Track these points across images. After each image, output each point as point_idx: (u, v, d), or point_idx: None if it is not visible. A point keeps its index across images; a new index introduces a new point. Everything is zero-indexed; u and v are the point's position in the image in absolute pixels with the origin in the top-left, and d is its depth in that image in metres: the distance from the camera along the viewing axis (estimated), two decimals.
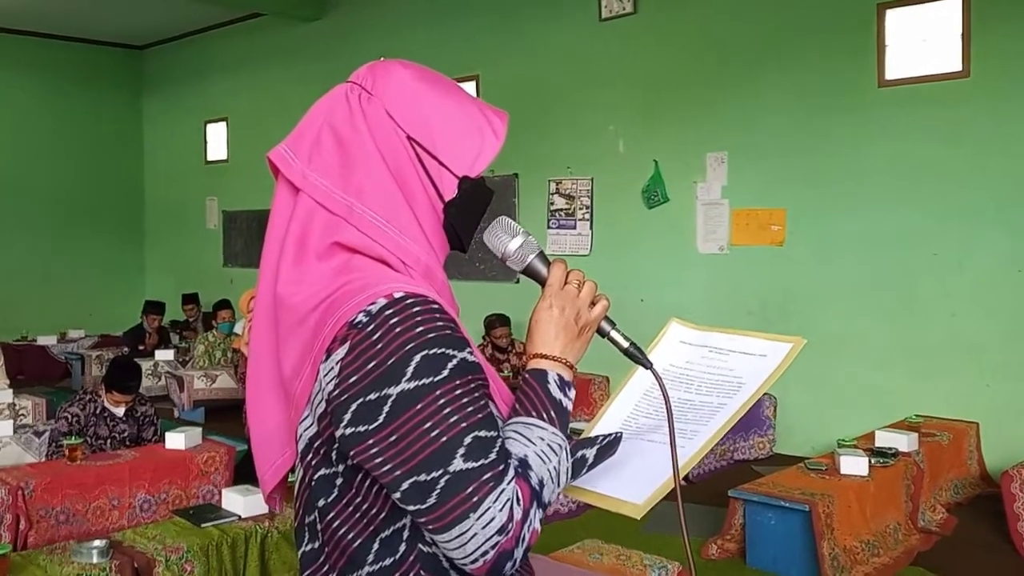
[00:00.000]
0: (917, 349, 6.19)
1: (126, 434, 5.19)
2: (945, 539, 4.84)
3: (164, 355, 8.82)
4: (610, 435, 1.16)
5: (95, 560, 3.33)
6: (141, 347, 9.22)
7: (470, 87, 8.80)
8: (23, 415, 6.26)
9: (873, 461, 4.71)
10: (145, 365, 8.41)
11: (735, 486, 4.65)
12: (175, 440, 4.88)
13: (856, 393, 6.43)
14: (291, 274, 1.11)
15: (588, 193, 7.98)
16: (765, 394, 6.45)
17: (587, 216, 8.00)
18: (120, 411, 5.17)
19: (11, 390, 6.55)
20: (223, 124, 11.72)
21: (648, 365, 1.21)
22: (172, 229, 12.59)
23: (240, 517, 3.82)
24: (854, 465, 4.61)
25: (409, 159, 1.15)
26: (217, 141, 11.85)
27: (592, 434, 1.20)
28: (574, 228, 8.08)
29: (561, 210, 8.17)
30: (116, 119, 12.75)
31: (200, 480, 4.76)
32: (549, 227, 8.24)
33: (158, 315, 9.58)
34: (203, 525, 3.73)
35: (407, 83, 1.17)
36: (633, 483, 1.19)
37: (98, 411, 5.13)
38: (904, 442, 5.03)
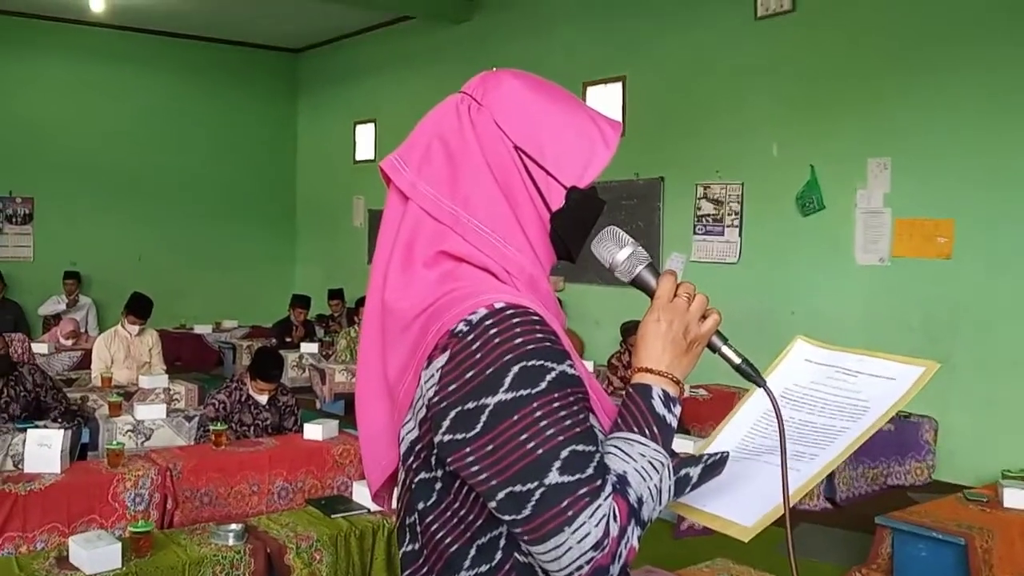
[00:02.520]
0: None
1: (268, 422, 5.33)
2: None
3: (309, 348, 9.09)
4: (716, 454, 1.13)
5: (231, 543, 3.41)
6: (288, 339, 9.52)
7: (616, 89, 8.67)
8: (176, 399, 6.54)
9: None
10: (291, 356, 8.73)
11: (885, 512, 4.38)
12: (313, 431, 4.97)
13: None
14: (398, 281, 1.13)
15: (738, 198, 7.69)
16: (925, 416, 6.10)
17: (736, 222, 7.71)
18: (263, 399, 5.32)
19: (167, 375, 6.87)
20: (371, 125, 12.02)
21: (761, 383, 1.16)
22: (321, 226, 13.00)
23: (369, 511, 3.84)
24: (1019, 498, 4.27)
25: (516, 169, 1.15)
26: (365, 141, 12.16)
27: (707, 451, 1.17)
28: (722, 234, 7.80)
29: (708, 215, 7.91)
30: (272, 119, 13.30)
31: (335, 471, 4.82)
32: (695, 233, 7.99)
33: (304, 309, 9.89)
34: (333, 516, 3.78)
35: (516, 93, 1.17)
36: (745, 504, 1.15)
37: (243, 399, 5.29)
38: None
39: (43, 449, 4.19)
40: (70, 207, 11.57)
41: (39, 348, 8.13)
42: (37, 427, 4.63)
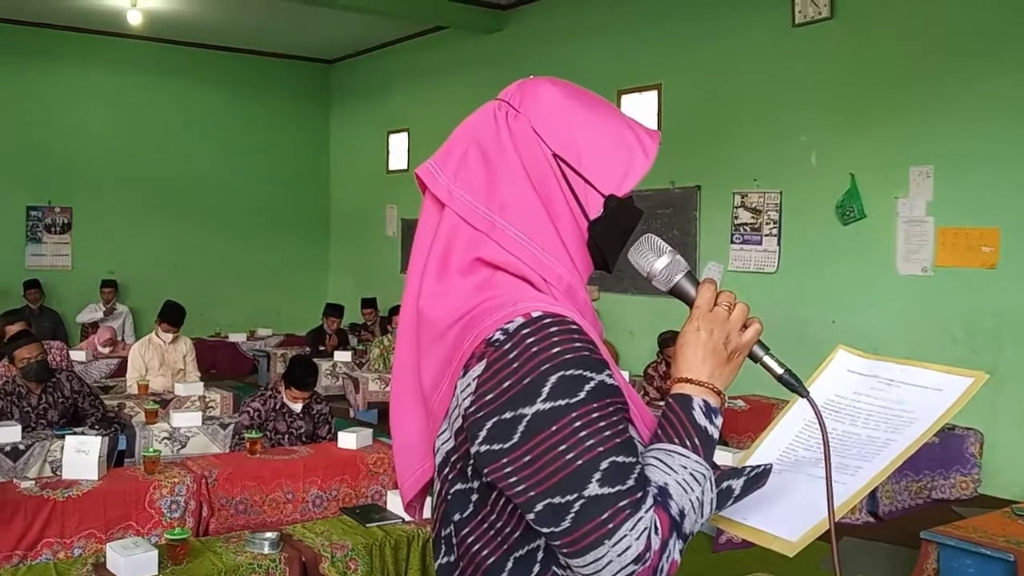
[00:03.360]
0: None
1: (303, 430, 5.32)
2: None
3: (342, 356, 9.09)
4: (759, 466, 1.11)
5: (266, 551, 3.40)
6: (322, 347, 9.54)
7: (651, 97, 8.61)
8: (212, 407, 6.56)
9: None
10: (324, 365, 8.73)
11: (930, 527, 4.28)
12: (347, 440, 4.95)
13: None
14: (433, 288, 1.11)
15: (776, 207, 7.59)
16: (970, 429, 5.97)
17: (775, 231, 7.61)
18: (298, 407, 5.32)
19: (202, 383, 6.90)
20: (404, 134, 12.06)
21: (804, 394, 1.13)
22: (354, 235, 13.05)
23: (403, 520, 3.81)
24: None
25: (554, 176, 1.13)
26: (398, 151, 12.21)
27: (746, 464, 1.15)
28: (760, 244, 7.71)
29: (746, 224, 7.82)
30: (306, 129, 13.40)
31: (369, 480, 4.80)
32: (732, 242, 7.90)
33: (337, 318, 9.90)
34: (368, 525, 3.75)
35: (554, 100, 1.16)
36: (789, 518, 1.13)
37: (277, 407, 5.29)
38: None
39: (81, 455, 4.21)
40: (108, 216, 11.72)
41: (77, 355, 8.20)
42: (75, 433, 4.66)
